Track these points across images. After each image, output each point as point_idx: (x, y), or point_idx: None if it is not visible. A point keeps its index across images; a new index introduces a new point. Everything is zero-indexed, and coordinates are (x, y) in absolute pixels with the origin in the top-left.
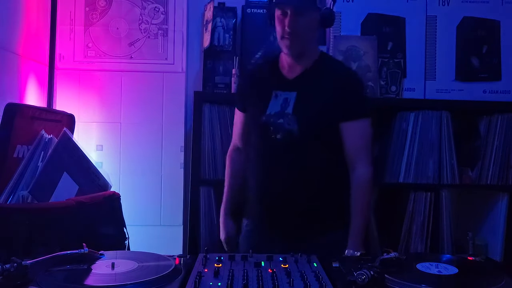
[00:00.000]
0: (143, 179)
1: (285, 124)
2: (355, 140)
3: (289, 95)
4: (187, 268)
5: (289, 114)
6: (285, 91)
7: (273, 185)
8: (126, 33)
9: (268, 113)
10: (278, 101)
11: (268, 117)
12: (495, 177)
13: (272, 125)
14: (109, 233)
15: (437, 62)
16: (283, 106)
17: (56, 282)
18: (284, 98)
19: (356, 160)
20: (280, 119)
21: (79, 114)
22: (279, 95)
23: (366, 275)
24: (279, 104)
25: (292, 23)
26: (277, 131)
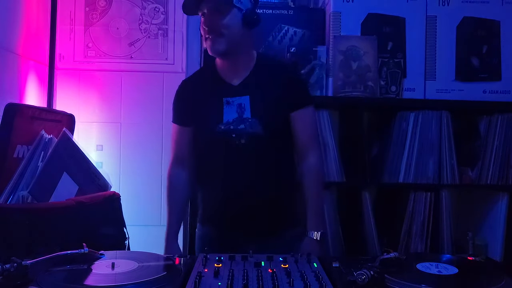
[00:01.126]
0: (143, 179)
1: (247, 128)
2: (305, 128)
3: (242, 100)
4: (187, 268)
5: (249, 118)
6: (236, 97)
7: (238, 188)
8: (126, 33)
9: (226, 121)
10: (233, 108)
11: (227, 125)
12: (495, 177)
13: (233, 132)
14: (109, 233)
15: (437, 62)
16: (240, 112)
17: (56, 282)
18: (237, 104)
19: (309, 147)
20: (240, 125)
21: (79, 114)
22: (231, 102)
23: (366, 275)
24: (235, 111)
25: (207, 21)
26: (240, 137)
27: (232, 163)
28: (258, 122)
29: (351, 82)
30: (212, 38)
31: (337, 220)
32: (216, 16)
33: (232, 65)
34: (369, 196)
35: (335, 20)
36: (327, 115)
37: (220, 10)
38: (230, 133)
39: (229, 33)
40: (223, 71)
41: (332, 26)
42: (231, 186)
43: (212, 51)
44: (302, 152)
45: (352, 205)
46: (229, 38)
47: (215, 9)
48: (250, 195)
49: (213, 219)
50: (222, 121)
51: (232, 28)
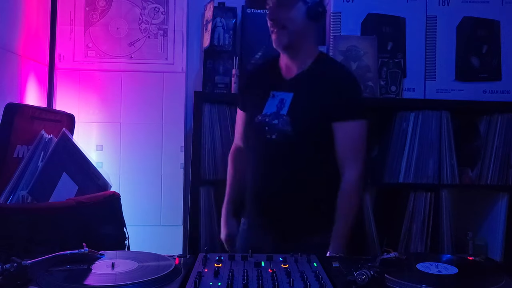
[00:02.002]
0: (143, 179)
1: (279, 125)
2: (346, 141)
3: (285, 96)
4: (187, 268)
5: (284, 115)
6: (282, 92)
7: (267, 185)
8: (126, 33)
9: (264, 113)
10: (275, 102)
11: (264, 117)
12: (495, 177)
13: (267, 125)
14: (109, 233)
15: (437, 62)
16: (279, 107)
17: (56, 282)
18: (280, 99)
19: (346, 162)
20: (275, 120)
21: (79, 114)
22: (276, 96)
23: (366, 275)
24: (275, 105)
25: (273, 14)
26: (272, 132)
27: (263, 156)
28: (290, 121)
29: None
30: (276, 31)
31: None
32: (281, 9)
33: (291, 59)
34: (369, 196)
35: (335, 20)
36: None
37: (285, 3)
38: (264, 126)
39: (293, 27)
40: (283, 64)
41: (332, 26)
42: (260, 180)
43: (276, 44)
44: (341, 167)
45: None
46: (292, 32)
47: (281, 1)
48: (277, 194)
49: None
50: (261, 112)
51: (296, 21)
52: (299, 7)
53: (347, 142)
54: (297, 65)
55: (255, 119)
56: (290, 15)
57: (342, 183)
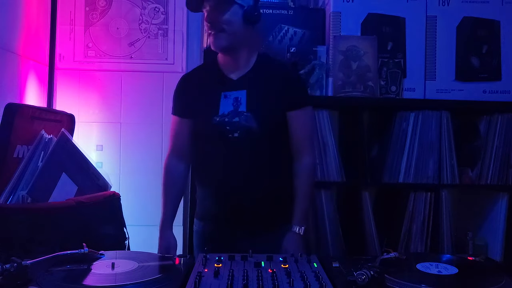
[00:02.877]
0: (143, 179)
1: (241, 121)
2: (301, 129)
3: (238, 94)
4: (187, 268)
5: (244, 112)
6: (233, 91)
7: (231, 182)
8: (126, 33)
9: (222, 113)
10: (229, 101)
11: (222, 117)
12: (495, 177)
13: (227, 124)
14: (109, 233)
15: (437, 62)
16: (235, 105)
17: (56, 282)
18: (234, 98)
19: (303, 148)
20: (235, 118)
21: (79, 114)
22: (228, 95)
23: (366, 275)
24: (231, 104)
25: (210, 17)
26: (234, 130)
27: (226, 156)
28: (253, 116)
29: (351, 82)
30: (214, 33)
31: (337, 220)
32: (218, 12)
33: (233, 60)
34: (369, 196)
35: (335, 20)
36: (327, 115)
37: (222, 6)
38: (225, 126)
39: (230, 29)
40: (224, 66)
41: (332, 26)
42: (224, 180)
43: (214, 46)
44: (296, 152)
45: (352, 205)
46: (230, 34)
47: (217, 5)
48: (243, 189)
49: (208, 214)
50: (218, 113)
51: (233, 24)
52: (235, 10)
53: (302, 128)
54: (242, 65)
55: (211, 120)
56: (227, 18)
57: (300, 168)
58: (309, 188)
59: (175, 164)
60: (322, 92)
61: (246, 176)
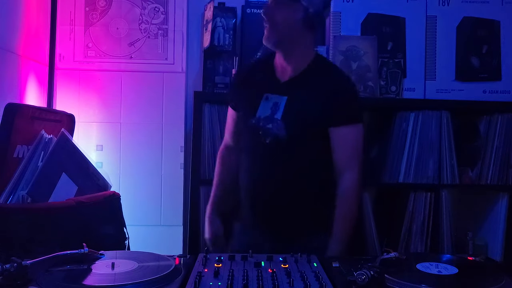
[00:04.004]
0: (143, 179)
1: (273, 129)
2: (343, 147)
3: (279, 99)
4: (187, 268)
5: (278, 120)
6: (276, 95)
7: (261, 187)
8: (126, 33)
9: (258, 117)
10: (268, 105)
11: (257, 121)
12: (495, 177)
13: (261, 129)
14: (109, 233)
15: (437, 62)
16: (273, 110)
17: (56, 282)
18: (274, 102)
19: (344, 167)
20: (269, 124)
21: (79, 114)
22: (270, 98)
23: (366, 275)
24: (269, 108)
25: (268, 9)
26: (265, 136)
27: (256, 159)
28: (285, 125)
29: None
30: (268, 27)
31: None
32: (277, 7)
33: (285, 61)
34: (369, 196)
35: (335, 20)
36: None
37: (286, 5)
38: (258, 130)
39: (284, 27)
40: (277, 65)
41: (332, 26)
42: (254, 184)
43: (265, 40)
44: (338, 171)
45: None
46: (282, 32)
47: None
48: (270, 195)
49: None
50: (255, 115)
51: (288, 22)
52: (296, 9)
53: (344, 147)
54: (292, 67)
55: (248, 121)
56: (284, 14)
57: (340, 188)
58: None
59: (227, 153)
60: None
61: (275, 184)
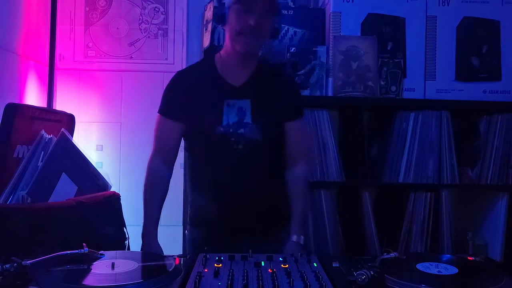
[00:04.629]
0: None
1: (246, 133)
2: (298, 139)
3: (242, 103)
4: (187, 268)
5: (249, 123)
6: (237, 99)
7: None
8: (126, 33)
9: (226, 124)
10: (233, 110)
11: (226, 128)
12: (495, 177)
13: (232, 135)
14: (109, 233)
15: (437, 62)
16: (240, 116)
17: (56, 282)
18: (238, 107)
19: (298, 157)
20: (240, 129)
21: (79, 114)
22: (232, 104)
23: (366, 275)
24: (235, 114)
25: (259, 20)
26: (238, 142)
27: (227, 166)
28: (257, 128)
29: (351, 82)
30: (252, 36)
31: (337, 220)
32: (267, 19)
33: (238, 64)
34: (369, 196)
35: (335, 20)
36: (327, 115)
37: (271, 14)
38: (229, 137)
39: (266, 38)
40: (224, 69)
41: (332, 26)
42: (224, 189)
43: (244, 49)
44: (291, 161)
45: (352, 205)
46: (263, 42)
47: (268, 12)
48: (243, 199)
49: (206, 221)
50: (222, 123)
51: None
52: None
53: (298, 139)
54: (243, 71)
55: (214, 130)
56: (267, 27)
57: (295, 176)
58: (304, 197)
59: (160, 166)
60: (322, 92)
61: (246, 186)
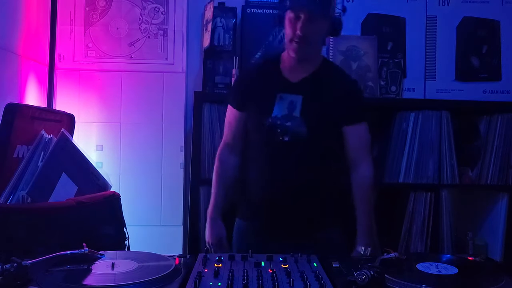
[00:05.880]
0: (143, 179)
1: (293, 126)
2: (357, 142)
3: (294, 98)
4: (187, 268)
5: (297, 117)
6: (290, 94)
7: (277, 185)
8: (126, 33)
9: (275, 116)
10: (284, 104)
11: (274, 120)
12: (495, 177)
13: (279, 127)
14: (109, 233)
15: (437, 62)
16: (290, 109)
17: (56, 282)
18: (289, 101)
19: (359, 160)
20: (288, 122)
21: (79, 114)
22: (284, 98)
23: (366, 275)
24: (285, 107)
25: (305, 28)
26: (284, 133)
27: (273, 158)
28: (305, 122)
29: None
30: (301, 43)
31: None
32: (312, 23)
33: (299, 63)
34: None
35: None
36: None
37: (316, 18)
38: (276, 128)
39: (316, 41)
40: (287, 68)
41: None
42: (270, 182)
43: (297, 56)
44: (354, 164)
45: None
46: (314, 45)
47: (313, 16)
48: (288, 193)
49: (253, 213)
50: (271, 114)
51: (320, 37)
52: (327, 23)
53: (359, 143)
54: (303, 69)
55: (264, 121)
56: (319, 31)
57: (359, 180)
58: (367, 202)
59: (227, 155)
60: None
61: (292, 181)
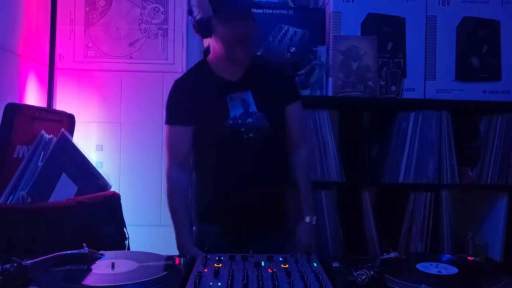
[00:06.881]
0: (143, 179)
1: (255, 122)
2: (298, 122)
3: (245, 95)
4: (187, 268)
5: (255, 112)
6: (239, 92)
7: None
8: (126, 33)
9: (233, 116)
10: (237, 103)
11: (234, 120)
12: (495, 177)
13: (242, 126)
14: (109, 233)
15: (437, 62)
16: (245, 107)
17: (56, 282)
18: (241, 99)
19: (300, 140)
20: (248, 119)
21: (79, 114)
22: (234, 98)
23: (366, 275)
24: (240, 106)
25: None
26: (249, 131)
27: (241, 157)
28: (264, 115)
29: (351, 82)
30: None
31: (337, 220)
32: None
33: (232, 65)
34: (369, 196)
35: (335, 20)
36: (327, 115)
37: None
38: (239, 128)
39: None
40: (220, 69)
41: (332, 26)
42: (238, 181)
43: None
44: (294, 144)
45: (352, 205)
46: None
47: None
48: (257, 188)
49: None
50: (229, 116)
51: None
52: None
53: (298, 121)
54: (238, 68)
55: (223, 124)
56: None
57: (299, 158)
58: (309, 178)
59: (180, 175)
60: (322, 92)
61: (260, 174)
